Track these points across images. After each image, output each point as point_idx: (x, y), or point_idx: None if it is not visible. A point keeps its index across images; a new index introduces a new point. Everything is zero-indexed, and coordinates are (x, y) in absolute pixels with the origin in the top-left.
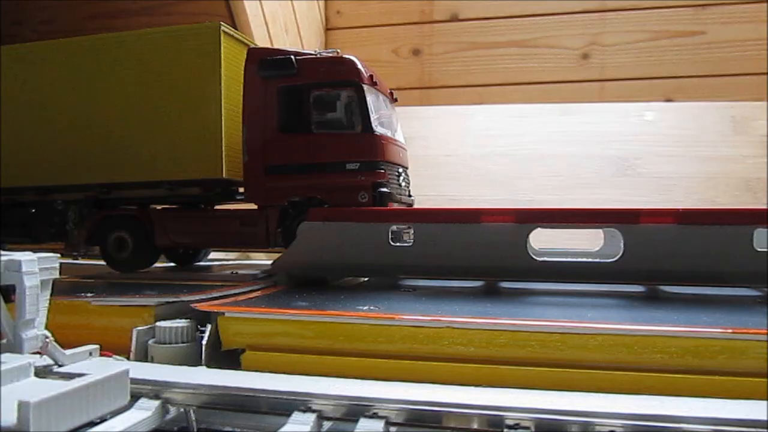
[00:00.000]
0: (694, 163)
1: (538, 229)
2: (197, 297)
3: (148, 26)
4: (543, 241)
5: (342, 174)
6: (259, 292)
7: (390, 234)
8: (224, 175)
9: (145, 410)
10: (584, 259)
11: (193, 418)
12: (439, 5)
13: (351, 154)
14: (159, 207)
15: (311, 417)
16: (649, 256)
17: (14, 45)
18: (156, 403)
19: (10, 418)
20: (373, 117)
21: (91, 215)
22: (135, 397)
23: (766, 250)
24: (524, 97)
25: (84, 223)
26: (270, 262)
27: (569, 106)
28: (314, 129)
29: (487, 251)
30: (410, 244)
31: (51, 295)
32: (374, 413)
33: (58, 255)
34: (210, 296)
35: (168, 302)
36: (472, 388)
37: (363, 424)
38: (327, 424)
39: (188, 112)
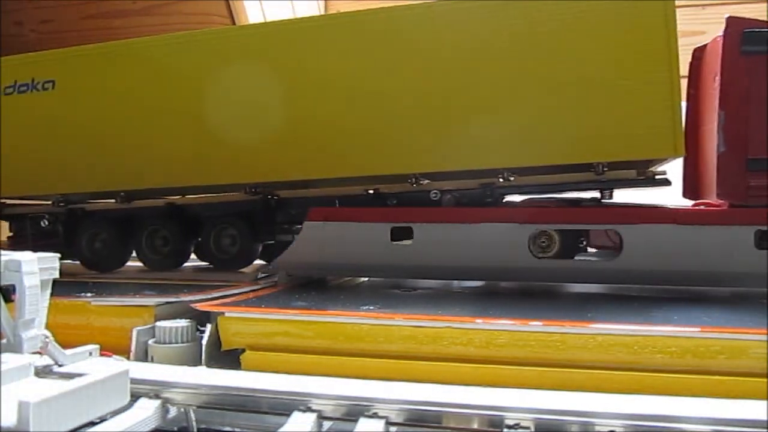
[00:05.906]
0: None
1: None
2: (197, 297)
3: (148, 26)
4: None
5: None
6: (259, 292)
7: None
8: (683, 154)
9: (145, 410)
10: (584, 259)
11: (193, 418)
12: None
13: None
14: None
15: (311, 417)
16: (649, 256)
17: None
18: (156, 403)
19: (10, 418)
20: None
21: None
22: (135, 397)
23: (766, 250)
24: None
25: None
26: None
27: None
28: None
29: (487, 251)
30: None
31: (51, 295)
32: (374, 413)
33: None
34: (210, 296)
35: (168, 302)
36: (472, 388)
37: (363, 424)
38: (327, 424)
39: (630, 84)
